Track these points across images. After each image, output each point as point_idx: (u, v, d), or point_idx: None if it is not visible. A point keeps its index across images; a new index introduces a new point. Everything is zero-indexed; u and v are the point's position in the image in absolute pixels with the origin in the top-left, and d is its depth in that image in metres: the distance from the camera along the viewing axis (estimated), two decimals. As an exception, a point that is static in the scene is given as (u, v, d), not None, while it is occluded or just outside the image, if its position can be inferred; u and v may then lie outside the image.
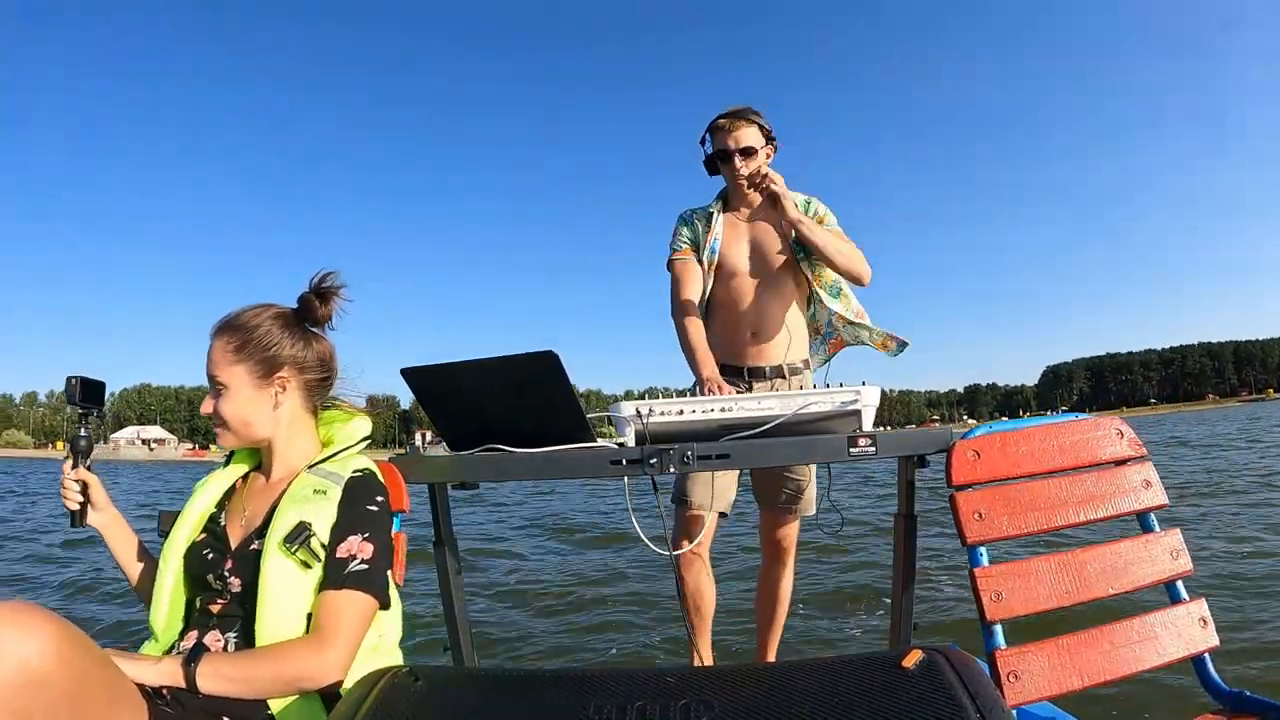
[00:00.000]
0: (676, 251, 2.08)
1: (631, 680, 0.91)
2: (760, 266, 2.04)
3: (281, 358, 1.18)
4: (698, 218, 2.09)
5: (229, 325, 1.17)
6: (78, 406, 1.21)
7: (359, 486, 1.15)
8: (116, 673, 0.90)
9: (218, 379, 1.16)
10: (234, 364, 1.16)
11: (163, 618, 1.13)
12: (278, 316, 1.20)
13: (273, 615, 1.04)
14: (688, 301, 2.02)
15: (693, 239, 2.07)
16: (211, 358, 1.16)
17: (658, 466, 1.25)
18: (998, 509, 1.22)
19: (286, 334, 1.19)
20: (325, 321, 1.25)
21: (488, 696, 0.92)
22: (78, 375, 1.20)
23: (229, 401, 1.16)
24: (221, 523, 1.18)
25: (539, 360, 1.21)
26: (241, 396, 1.16)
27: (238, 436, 1.19)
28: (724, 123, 1.98)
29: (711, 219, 2.06)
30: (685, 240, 2.08)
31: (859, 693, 0.82)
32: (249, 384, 1.16)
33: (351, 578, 1.07)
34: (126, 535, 1.27)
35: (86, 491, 1.22)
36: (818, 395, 1.32)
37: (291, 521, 1.09)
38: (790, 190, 2.01)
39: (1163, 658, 1.17)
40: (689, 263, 2.05)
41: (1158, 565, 1.22)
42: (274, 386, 1.18)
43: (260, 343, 1.17)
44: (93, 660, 0.85)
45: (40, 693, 0.78)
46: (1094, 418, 1.32)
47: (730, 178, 2.03)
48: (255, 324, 1.17)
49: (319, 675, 1.01)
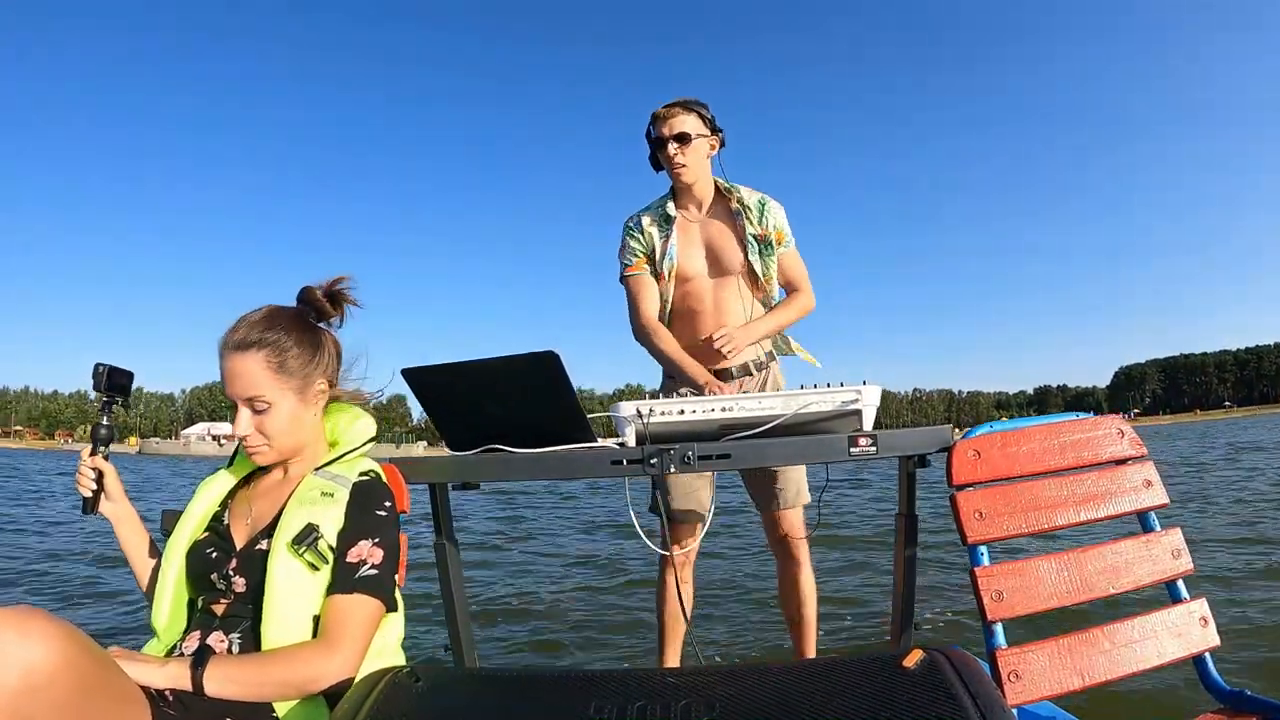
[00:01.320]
0: (629, 266, 2.02)
1: (631, 680, 0.91)
2: (717, 268, 2.01)
3: (315, 370, 1.17)
4: (647, 225, 2.02)
5: (260, 341, 1.12)
6: (103, 394, 1.21)
7: (367, 490, 1.15)
8: (120, 675, 0.90)
9: (261, 398, 1.12)
10: (276, 381, 1.13)
11: (165, 617, 1.13)
12: (300, 325, 1.18)
13: (279, 616, 1.04)
14: (647, 318, 1.98)
15: (644, 249, 2.02)
16: (243, 376, 1.11)
17: (658, 466, 1.25)
18: (998, 509, 1.22)
19: (311, 340, 1.18)
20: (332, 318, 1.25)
21: (488, 696, 0.92)
22: (105, 363, 1.20)
23: (274, 420, 1.13)
24: (225, 522, 1.18)
25: (540, 360, 1.22)
26: (285, 414, 1.14)
27: (281, 452, 1.16)
28: (661, 111, 1.93)
29: (664, 223, 2.01)
30: (636, 253, 2.02)
31: (860, 693, 0.82)
32: (293, 401, 1.15)
33: (361, 582, 1.07)
34: (137, 529, 1.27)
35: (101, 481, 1.23)
36: (818, 395, 1.32)
37: (300, 523, 1.09)
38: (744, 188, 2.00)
39: (1163, 657, 1.17)
40: (643, 277, 2.01)
41: (1158, 565, 1.22)
42: (313, 398, 1.18)
43: (301, 356, 1.15)
44: (96, 664, 0.85)
45: (44, 696, 0.78)
46: (1094, 417, 1.32)
47: (668, 167, 1.97)
48: (285, 338, 1.14)
49: (328, 679, 1.01)
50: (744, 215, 1.99)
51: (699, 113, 1.94)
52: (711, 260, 2.01)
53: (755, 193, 2.02)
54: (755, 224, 1.99)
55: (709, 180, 2.02)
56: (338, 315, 1.24)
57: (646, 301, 2.00)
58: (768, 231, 1.99)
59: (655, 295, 2.01)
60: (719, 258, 2.00)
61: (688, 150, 1.92)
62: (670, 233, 2.00)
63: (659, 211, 2.03)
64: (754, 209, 1.99)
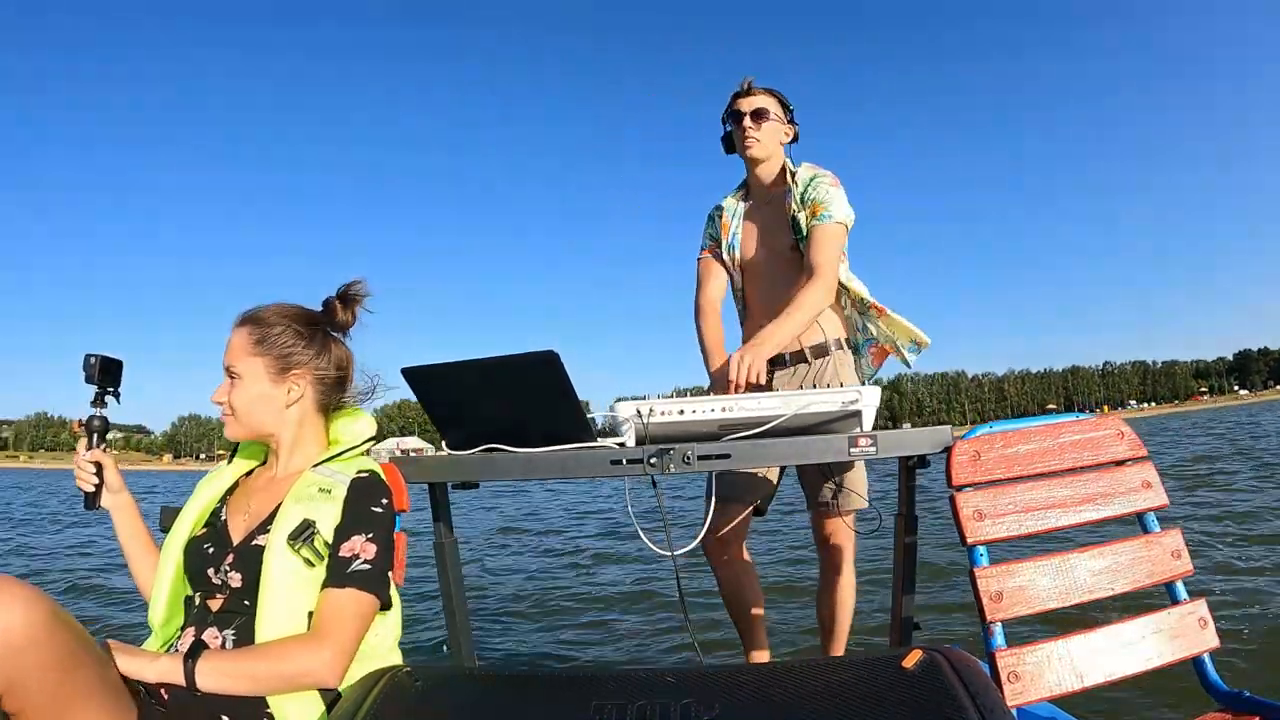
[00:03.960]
0: (701, 251, 2.09)
1: (631, 680, 0.91)
2: (769, 254, 1.99)
3: (298, 358, 1.20)
4: (725, 208, 2.07)
5: (252, 318, 1.20)
6: (95, 385, 1.21)
7: (364, 487, 1.15)
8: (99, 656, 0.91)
9: (234, 368, 1.18)
10: (251, 356, 1.17)
11: (161, 613, 1.13)
12: (300, 317, 1.22)
13: (274, 611, 1.05)
14: (704, 301, 2.03)
15: (715, 236, 2.07)
16: (231, 347, 1.18)
17: (658, 466, 1.25)
18: (998, 509, 1.22)
19: (306, 336, 1.21)
20: (346, 327, 1.27)
21: (487, 696, 0.92)
22: (97, 354, 1.20)
23: (241, 392, 1.18)
24: (223, 518, 1.18)
25: (540, 360, 1.22)
26: (254, 389, 1.18)
27: (245, 428, 1.20)
28: (742, 88, 1.95)
29: (733, 209, 2.04)
30: (708, 239, 2.08)
31: (860, 693, 0.82)
32: (263, 378, 1.18)
33: (354, 577, 1.07)
34: (135, 520, 1.27)
35: (101, 473, 1.23)
36: (818, 395, 1.32)
37: (296, 518, 1.09)
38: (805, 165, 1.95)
39: (1163, 658, 1.17)
40: (709, 261, 2.06)
41: (1158, 565, 1.22)
42: (287, 384, 1.19)
43: (279, 340, 1.19)
44: (75, 636, 0.87)
45: (27, 657, 0.80)
46: (1094, 418, 1.32)
47: (740, 144, 1.97)
48: (277, 321, 1.20)
49: (318, 672, 1.01)
50: (793, 194, 1.91)
51: (779, 98, 1.97)
52: (764, 244, 2.01)
53: (813, 168, 1.93)
54: (799, 202, 1.89)
55: (779, 163, 1.99)
56: (348, 318, 1.27)
57: (706, 285, 2.04)
58: (806, 208, 1.88)
59: (721, 280, 2.05)
60: (770, 241, 1.99)
61: (762, 126, 1.93)
62: (736, 219, 2.03)
63: (733, 197, 2.07)
64: (802, 184, 1.89)
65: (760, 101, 1.94)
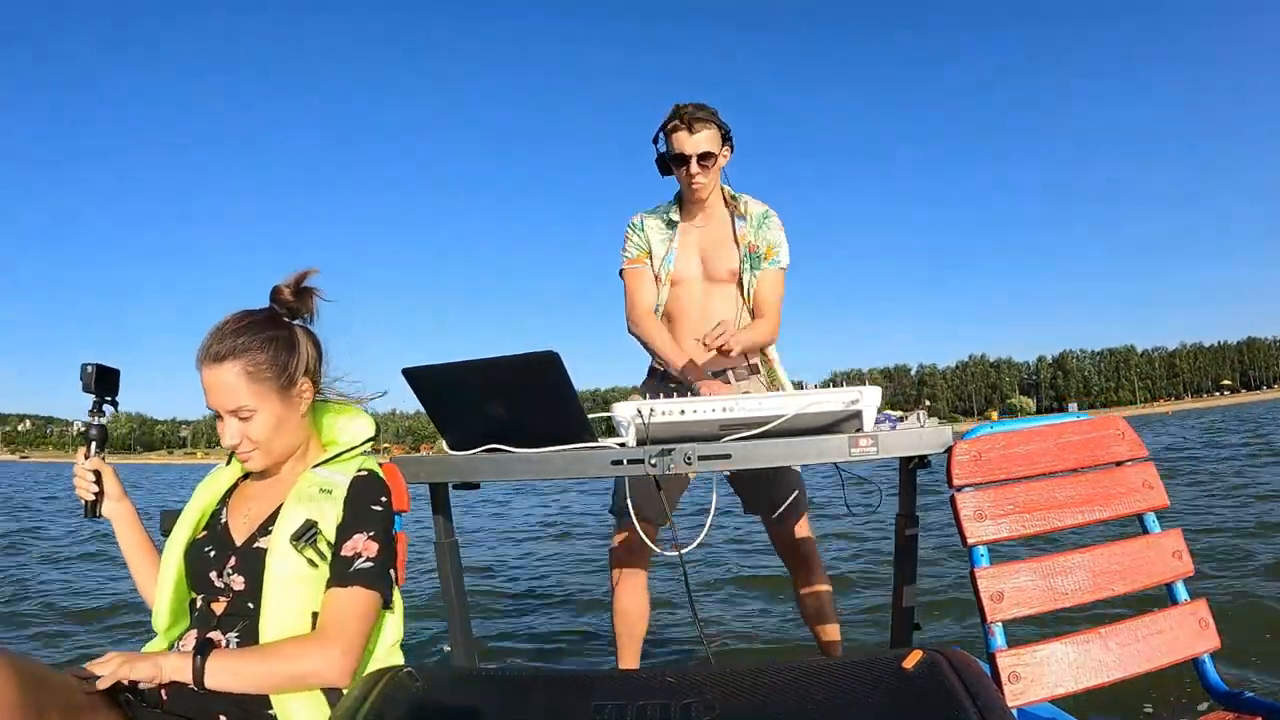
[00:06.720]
0: (628, 260, 2.03)
1: (631, 680, 0.91)
2: (710, 274, 2.00)
3: (292, 365, 1.16)
4: (650, 226, 2.03)
5: (234, 350, 1.11)
6: (92, 395, 1.20)
7: (364, 486, 1.16)
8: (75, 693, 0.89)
9: (244, 407, 1.11)
10: (257, 387, 1.11)
11: (164, 616, 1.13)
12: (269, 323, 1.16)
13: (278, 611, 1.05)
14: (642, 309, 1.99)
15: (644, 247, 2.02)
16: (220, 388, 1.10)
17: (659, 466, 1.25)
18: (998, 510, 1.22)
19: (284, 340, 1.16)
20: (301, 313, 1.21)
21: (488, 696, 0.92)
22: (93, 363, 1.19)
23: (259, 425, 1.12)
24: (223, 520, 1.18)
25: (541, 360, 1.22)
26: (271, 417, 1.13)
27: (272, 455, 1.16)
28: (683, 123, 1.86)
29: (668, 227, 2.01)
30: (636, 247, 2.03)
31: (860, 694, 0.82)
32: (275, 402, 1.13)
33: (356, 575, 1.07)
34: (136, 528, 1.26)
35: (100, 482, 1.22)
36: (819, 395, 1.32)
37: (299, 519, 1.09)
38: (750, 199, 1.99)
39: (1163, 658, 1.17)
40: (642, 271, 2.01)
41: (1158, 566, 1.22)
42: (295, 395, 1.16)
43: (270, 360, 1.13)
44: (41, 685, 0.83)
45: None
46: (1095, 418, 1.32)
47: (685, 183, 1.94)
48: (253, 344, 1.12)
49: (325, 671, 1.01)
50: (746, 223, 1.99)
51: (717, 124, 1.90)
52: (706, 266, 2.01)
53: (761, 204, 2.02)
54: (753, 234, 1.99)
55: (718, 190, 2.02)
56: (307, 311, 1.21)
57: (643, 294, 2.01)
58: (760, 245, 1.98)
59: (653, 289, 2.02)
60: (713, 264, 2.00)
61: (710, 170, 1.91)
62: (672, 238, 2.01)
63: (664, 216, 2.03)
64: (755, 219, 1.99)
65: (705, 143, 1.87)
